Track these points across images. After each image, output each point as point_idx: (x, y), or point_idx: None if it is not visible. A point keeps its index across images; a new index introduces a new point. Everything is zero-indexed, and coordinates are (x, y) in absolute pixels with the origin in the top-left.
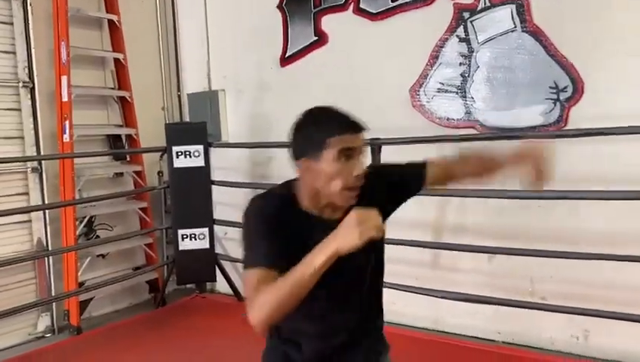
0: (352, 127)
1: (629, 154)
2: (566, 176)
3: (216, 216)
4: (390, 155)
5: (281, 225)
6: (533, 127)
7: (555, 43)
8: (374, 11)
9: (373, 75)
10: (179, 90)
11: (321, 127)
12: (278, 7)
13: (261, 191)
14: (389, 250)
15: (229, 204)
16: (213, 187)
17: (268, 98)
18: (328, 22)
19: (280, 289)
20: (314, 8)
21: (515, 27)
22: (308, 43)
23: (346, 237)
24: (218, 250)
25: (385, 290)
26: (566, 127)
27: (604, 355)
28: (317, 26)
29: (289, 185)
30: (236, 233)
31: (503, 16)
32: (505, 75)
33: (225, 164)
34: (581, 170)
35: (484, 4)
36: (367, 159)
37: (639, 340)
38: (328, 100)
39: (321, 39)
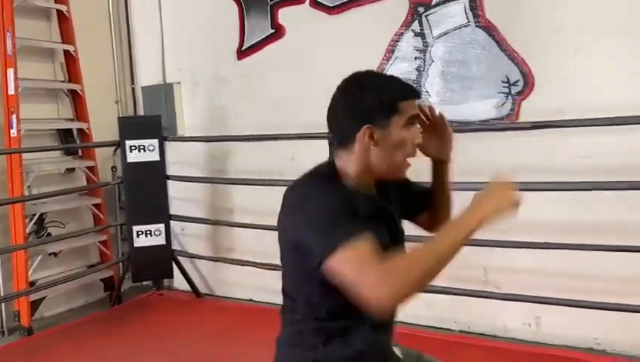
0: (416, 91)
1: (577, 146)
2: (519, 167)
3: (173, 211)
4: None
5: (347, 201)
6: (486, 120)
7: (507, 38)
8: (331, 5)
9: (331, 68)
10: (133, 82)
11: (387, 91)
12: None
13: (223, 186)
14: None
15: (186, 199)
16: (170, 182)
17: (225, 91)
18: (285, 15)
19: (429, 254)
20: (270, 1)
21: (469, 22)
22: (264, 36)
23: (500, 202)
24: (175, 246)
25: None
26: (517, 120)
27: (554, 340)
28: (273, 18)
29: (325, 164)
30: (194, 228)
31: (457, 11)
32: (459, 69)
33: (181, 158)
34: (532, 162)
35: None
36: None
37: (586, 325)
38: (286, 94)
39: (277, 32)
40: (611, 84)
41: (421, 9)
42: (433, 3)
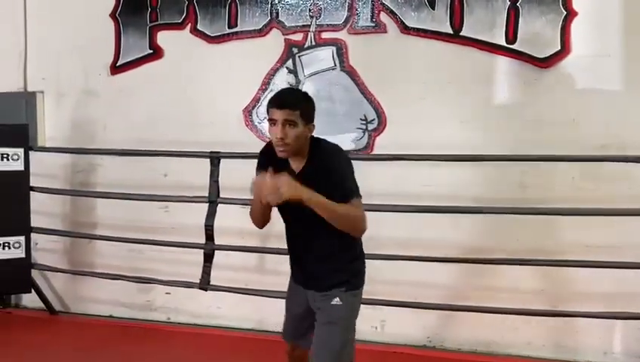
0: (276, 102)
1: (419, 176)
2: (373, 192)
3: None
4: (228, 167)
5: None
6: (347, 151)
7: (366, 82)
8: (211, 34)
9: (209, 92)
10: None
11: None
12: (110, 15)
13: (85, 198)
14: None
15: (44, 213)
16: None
17: (95, 104)
18: (164, 37)
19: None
20: (150, 22)
21: (335, 66)
22: (142, 55)
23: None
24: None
25: (212, 294)
26: (372, 152)
27: (396, 340)
28: (152, 39)
29: None
30: (52, 243)
31: (326, 55)
32: (326, 105)
33: (40, 170)
34: (385, 188)
35: (311, 42)
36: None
37: (421, 326)
38: (162, 112)
39: (156, 53)
40: (446, 127)
41: (295, 50)
42: (306, 46)
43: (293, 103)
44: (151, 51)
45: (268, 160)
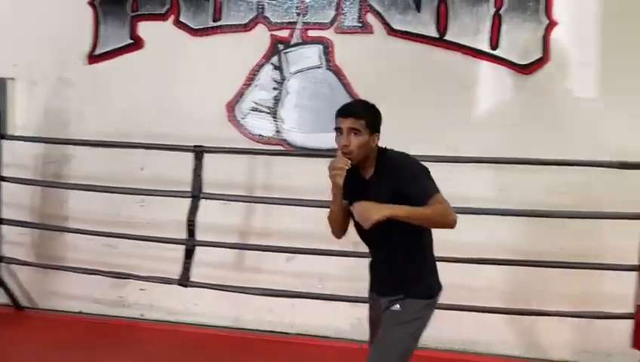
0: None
1: None
2: None
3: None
4: (211, 162)
5: None
6: (331, 149)
7: (351, 82)
8: (194, 27)
9: (191, 86)
10: None
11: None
12: (89, 3)
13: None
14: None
15: (12, 204)
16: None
17: (70, 94)
18: (146, 28)
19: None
20: (131, 12)
21: (321, 64)
22: (122, 45)
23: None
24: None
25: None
26: None
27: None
28: (133, 30)
29: None
30: (19, 235)
31: (312, 54)
32: (311, 103)
33: (11, 159)
34: None
35: (297, 39)
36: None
37: None
38: (141, 104)
39: (136, 43)
40: (428, 129)
41: (281, 46)
42: (292, 42)
43: (359, 113)
44: (131, 41)
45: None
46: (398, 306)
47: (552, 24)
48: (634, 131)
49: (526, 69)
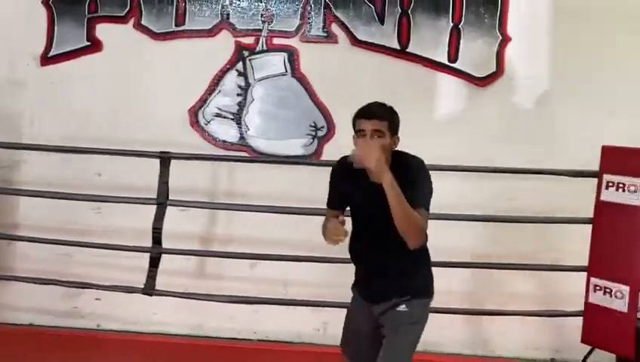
0: (361, 113)
1: None
2: (319, 198)
3: None
4: (174, 168)
5: None
6: (296, 156)
7: (316, 90)
8: (157, 31)
9: (152, 90)
10: None
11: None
12: (43, 3)
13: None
14: None
15: None
16: None
17: (21, 96)
18: (104, 30)
19: None
20: (88, 13)
21: (286, 72)
22: (78, 47)
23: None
24: None
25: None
26: (321, 158)
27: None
28: (90, 31)
29: None
30: None
31: (277, 61)
32: (276, 110)
33: None
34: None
35: (262, 47)
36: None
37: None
38: (98, 109)
39: (94, 46)
40: None
41: (246, 53)
42: (257, 50)
43: (382, 114)
44: (88, 43)
45: (343, 176)
46: (404, 306)
47: (506, 39)
48: (584, 141)
49: (482, 82)
